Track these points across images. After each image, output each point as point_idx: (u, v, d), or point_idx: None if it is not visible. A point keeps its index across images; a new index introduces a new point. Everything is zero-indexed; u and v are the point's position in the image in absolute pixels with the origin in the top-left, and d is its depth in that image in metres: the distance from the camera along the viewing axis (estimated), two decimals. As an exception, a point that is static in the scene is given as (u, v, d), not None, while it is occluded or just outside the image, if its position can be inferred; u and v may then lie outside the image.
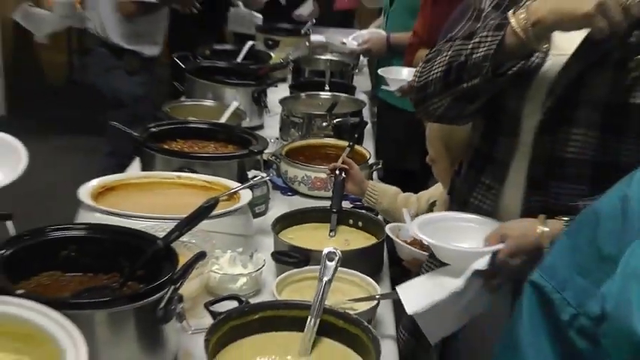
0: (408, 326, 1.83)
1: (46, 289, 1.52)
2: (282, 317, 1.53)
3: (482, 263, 1.50)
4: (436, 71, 1.64)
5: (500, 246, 1.49)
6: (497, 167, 1.65)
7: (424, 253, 1.75)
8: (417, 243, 1.80)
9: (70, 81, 7.31)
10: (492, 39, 1.52)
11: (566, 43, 1.53)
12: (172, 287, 1.41)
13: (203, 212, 1.62)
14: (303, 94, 3.22)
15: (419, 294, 1.60)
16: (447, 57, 1.62)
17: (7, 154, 1.63)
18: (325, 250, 1.58)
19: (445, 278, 1.58)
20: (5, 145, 1.67)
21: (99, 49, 4.28)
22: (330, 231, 2.06)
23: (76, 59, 7.38)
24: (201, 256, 1.49)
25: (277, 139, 2.99)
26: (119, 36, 4.16)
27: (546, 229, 1.46)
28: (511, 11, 1.51)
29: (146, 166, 2.37)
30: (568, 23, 1.43)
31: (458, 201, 1.77)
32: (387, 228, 1.84)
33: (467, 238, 1.61)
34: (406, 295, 1.61)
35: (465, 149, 1.84)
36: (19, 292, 1.34)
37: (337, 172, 2.28)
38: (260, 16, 4.94)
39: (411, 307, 1.57)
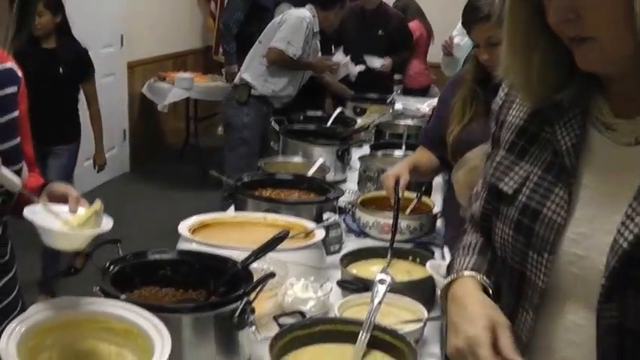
0: None
1: (145, 300, 1.69)
2: (338, 331, 1.65)
3: None
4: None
5: None
6: None
7: None
8: None
9: (186, 144, 7.67)
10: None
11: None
12: (246, 299, 1.58)
13: (274, 242, 1.78)
14: (379, 153, 3.40)
15: None
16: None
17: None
18: (378, 277, 1.71)
19: None
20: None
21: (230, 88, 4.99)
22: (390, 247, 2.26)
23: (192, 125, 7.76)
24: (270, 275, 1.64)
25: (356, 190, 3.15)
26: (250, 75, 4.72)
27: None
28: (460, 266, 1.34)
29: (238, 210, 2.56)
30: None
31: None
32: (428, 264, 1.97)
33: None
34: None
35: None
36: (122, 297, 1.53)
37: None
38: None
39: None
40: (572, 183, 1.15)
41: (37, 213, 1.45)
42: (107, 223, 1.51)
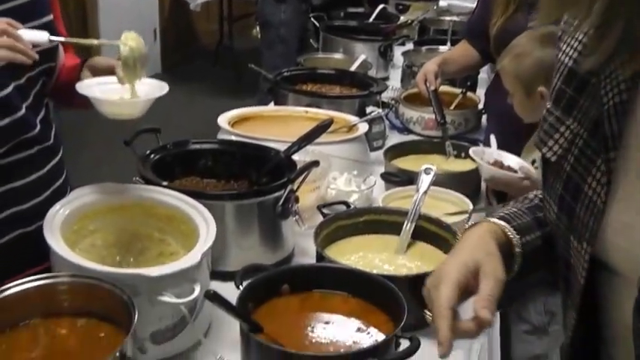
0: None
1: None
2: (383, 221, 1.69)
3: None
4: None
5: None
6: None
7: (503, 171, 1.88)
8: (497, 164, 1.93)
9: (220, 46, 7.62)
10: None
11: None
12: (290, 187, 1.60)
13: (318, 130, 1.79)
14: (423, 48, 3.36)
15: None
16: None
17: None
18: (423, 167, 1.73)
19: None
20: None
21: None
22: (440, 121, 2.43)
23: (226, 26, 7.69)
24: (314, 163, 1.66)
25: (399, 87, 3.14)
26: None
27: None
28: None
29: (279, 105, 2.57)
30: None
31: None
32: (472, 150, 1.99)
33: None
34: None
35: (532, 74, 1.94)
36: (164, 183, 1.57)
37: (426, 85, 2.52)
38: None
39: None
40: (610, 158, 0.88)
41: (90, 87, 1.48)
42: (163, 87, 1.52)
